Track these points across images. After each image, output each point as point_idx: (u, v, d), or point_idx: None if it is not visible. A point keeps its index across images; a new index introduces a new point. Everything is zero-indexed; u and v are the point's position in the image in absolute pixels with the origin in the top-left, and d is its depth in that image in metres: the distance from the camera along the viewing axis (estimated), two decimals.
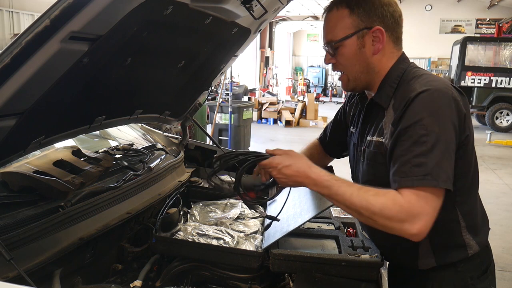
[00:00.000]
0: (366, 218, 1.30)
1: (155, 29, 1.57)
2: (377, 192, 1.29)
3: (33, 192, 1.55)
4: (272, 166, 1.43)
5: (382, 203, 1.26)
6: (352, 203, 1.30)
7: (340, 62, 1.50)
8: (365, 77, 1.49)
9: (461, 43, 12.96)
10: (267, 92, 16.72)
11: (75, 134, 1.79)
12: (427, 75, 1.43)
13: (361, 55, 1.45)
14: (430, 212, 1.25)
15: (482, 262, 1.51)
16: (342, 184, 1.33)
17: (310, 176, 1.37)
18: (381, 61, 1.46)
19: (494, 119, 12.97)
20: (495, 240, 4.78)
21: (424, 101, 1.31)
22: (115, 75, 1.68)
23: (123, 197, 1.82)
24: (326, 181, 1.35)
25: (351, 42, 1.44)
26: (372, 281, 1.50)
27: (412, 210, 1.24)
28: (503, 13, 19.14)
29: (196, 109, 2.64)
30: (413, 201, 1.24)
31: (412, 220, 1.24)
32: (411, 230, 1.24)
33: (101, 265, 1.68)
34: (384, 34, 1.42)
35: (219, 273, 1.60)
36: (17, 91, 1.15)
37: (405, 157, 1.29)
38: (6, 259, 1.16)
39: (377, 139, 1.46)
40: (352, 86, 1.54)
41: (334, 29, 1.46)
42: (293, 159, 1.41)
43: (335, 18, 1.45)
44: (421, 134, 1.28)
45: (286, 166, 1.40)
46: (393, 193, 1.28)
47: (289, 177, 1.40)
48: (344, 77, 1.53)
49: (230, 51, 2.35)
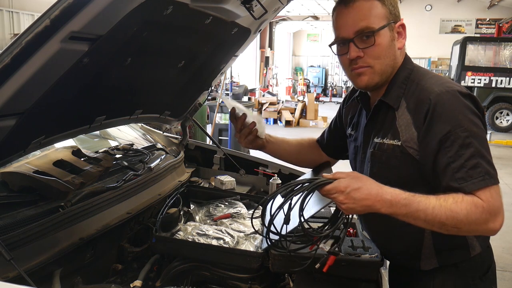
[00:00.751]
0: (450, 228, 1.26)
1: (155, 29, 1.57)
2: (455, 200, 1.25)
3: (33, 192, 1.55)
4: (339, 191, 1.27)
5: (466, 209, 1.24)
6: (435, 217, 1.25)
7: (371, 54, 1.40)
8: (390, 71, 1.45)
9: (461, 43, 12.95)
10: (267, 92, 16.71)
11: (75, 134, 1.79)
12: (436, 75, 1.43)
13: (392, 47, 1.42)
14: (502, 203, 1.27)
15: (484, 262, 1.51)
16: (421, 199, 1.26)
17: (385, 197, 1.26)
18: (399, 58, 1.45)
19: (494, 119, 12.96)
20: (495, 240, 4.72)
21: (451, 103, 1.31)
22: (115, 75, 1.68)
23: (123, 197, 1.82)
24: (403, 200, 1.26)
25: (385, 33, 1.40)
26: (372, 281, 1.50)
27: (492, 208, 1.25)
28: (503, 13, 19.13)
29: (196, 109, 2.64)
30: (489, 199, 1.25)
31: (494, 217, 1.25)
32: (496, 227, 1.26)
33: (101, 265, 1.68)
34: (405, 29, 1.44)
35: (219, 273, 1.60)
36: (17, 91, 1.15)
37: (457, 163, 1.27)
38: (6, 259, 1.17)
39: (390, 142, 1.42)
40: (376, 81, 1.44)
41: (369, 17, 1.38)
42: (361, 182, 1.28)
43: (368, 7, 1.39)
44: (464, 136, 1.27)
45: (355, 190, 1.26)
46: (470, 197, 1.26)
47: (358, 201, 1.26)
48: (368, 70, 1.42)
49: (230, 51, 2.35)
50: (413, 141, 1.36)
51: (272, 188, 2.38)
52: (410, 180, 1.39)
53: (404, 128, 1.39)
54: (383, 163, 1.45)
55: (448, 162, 1.28)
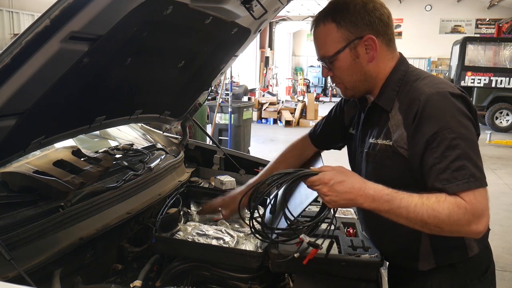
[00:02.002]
0: (432, 227, 1.27)
1: (155, 29, 1.57)
2: (437, 199, 1.25)
3: (33, 192, 1.55)
4: (323, 183, 1.32)
5: (448, 208, 1.23)
6: (417, 215, 1.25)
7: (337, 75, 1.49)
8: (364, 84, 1.48)
9: (461, 43, 12.95)
10: (267, 92, 16.71)
11: (75, 134, 1.79)
12: (430, 76, 1.43)
13: (357, 65, 1.44)
14: (487, 206, 1.27)
15: (482, 263, 1.51)
16: (403, 196, 1.28)
17: (367, 192, 1.29)
18: (378, 66, 1.46)
19: (494, 119, 12.97)
20: (495, 240, 4.78)
21: (440, 104, 1.31)
22: (115, 75, 1.68)
23: (123, 197, 1.82)
24: (386, 195, 1.28)
25: (344, 55, 1.42)
26: (372, 281, 1.50)
27: (475, 210, 1.24)
28: (503, 13, 19.14)
29: (196, 109, 2.64)
30: (473, 201, 1.24)
31: (477, 219, 1.24)
32: (478, 229, 1.25)
33: (101, 265, 1.68)
34: (376, 41, 1.41)
35: (219, 273, 1.60)
36: (17, 91, 1.15)
37: (442, 164, 1.27)
38: (6, 259, 1.17)
39: (383, 142, 1.44)
40: (351, 94, 1.54)
41: (325, 45, 1.45)
42: (345, 175, 1.32)
43: (324, 34, 1.44)
44: (451, 138, 1.27)
45: (338, 183, 1.30)
46: (453, 197, 1.25)
47: (341, 194, 1.30)
48: (341, 86, 1.52)
49: (230, 51, 2.35)
50: (403, 141, 1.38)
51: None
52: (403, 180, 1.40)
53: (395, 128, 1.40)
54: (377, 162, 1.47)
55: (434, 163, 1.29)
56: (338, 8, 1.42)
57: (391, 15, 1.46)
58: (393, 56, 1.48)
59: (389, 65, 1.47)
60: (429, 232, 1.31)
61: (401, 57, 1.50)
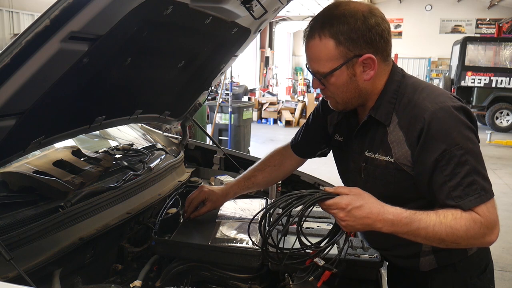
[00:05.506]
0: (449, 243, 1.28)
1: (155, 29, 1.57)
2: (454, 216, 1.26)
3: (33, 192, 1.55)
4: (340, 208, 1.26)
5: (465, 225, 1.25)
6: (435, 234, 1.26)
7: (329, 90, 1.41)
8: (357, 100, 1.43)
9: (461, 43, 12.96)
10: (267, 92, 16.71)
11: (75, 134, 1.79)
12: (426, 87, 1.39)
13: (352, 83, 1.37)
14: (497, 215, 1.30)
15: (481, 261, 1.52)
16: (421, 217, 1.26)
17: (386, 217, 1.26)
18: (374, 83, 1.40)
19: (494, 119, 12.97)
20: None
21: (445, 121, 1.29)
22: (115, 75, 1.68)
23: (123, 197, 1.82)
24: (405, 219, 1.26)
25: (340, 73, 1.35)
26: (372, 281, 1.50)
27: (489, 222, 1.27)
28: (503, 13, 19.14)
29: (196, 109, 2.64)
30: (486, 213, 1.26)
31: (491, 231, 1.28)
32: (492, 239, 1.29)
33: (101, 265, 1.68)
34: (375, 60, 1.33)
35: (219, 273, 1.60)
36: (17, 91, 1.15)
37: (453, 181, 1.27)
38: (6, 259, 1.16)
39: (382, 157, 1.40)
40: (342, 108, 1.48)
41: (320, 60, 1.36)
42: (363, 199, 1.27)
43: (320, 49, 1.34)
44: (460, 154, 1.27)
45: (356, 208, 1.25)
46: (468, 213, 1.26)
47: (359, 219, 1.26)
48: (332, 100, 1.46)
49: (230, 51, 2.35)
50: (407, 159, 1.36)
51: (272, 189, 2.38)
52: (409, 194, 1.40)
53: (397, 145, 1.37)
54: (377, 178, 1.44)
55: (445, 181, 1.28)
56: (336, 20, 1.31)
57: (390, 29, 1.39)
58: (388, 68, 1.42)
59: (384, 79, 1.41)
60: (445, 247, 1.32)
61: (393, 67, 1.44)
